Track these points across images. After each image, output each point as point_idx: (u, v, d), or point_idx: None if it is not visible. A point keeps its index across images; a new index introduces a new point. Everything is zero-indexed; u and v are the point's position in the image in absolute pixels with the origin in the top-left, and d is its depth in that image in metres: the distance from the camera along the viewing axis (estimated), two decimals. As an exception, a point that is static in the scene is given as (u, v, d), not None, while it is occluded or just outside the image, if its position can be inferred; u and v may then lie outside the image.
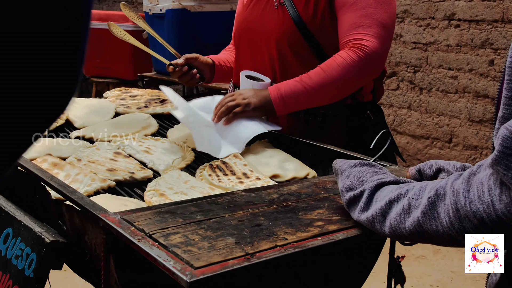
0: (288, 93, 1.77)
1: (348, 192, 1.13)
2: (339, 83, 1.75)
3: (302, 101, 1.78)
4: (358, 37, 1.75)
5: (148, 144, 1.86)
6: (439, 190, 0.94)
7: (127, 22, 4.58)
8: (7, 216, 1.40)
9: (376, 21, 1.76)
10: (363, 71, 1.76)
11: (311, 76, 1.76)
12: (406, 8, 4.44)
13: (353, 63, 1.73)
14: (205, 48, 2.97)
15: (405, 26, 4.46)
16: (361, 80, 1.81)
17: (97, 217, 1.11)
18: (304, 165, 1.72)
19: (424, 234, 0.97)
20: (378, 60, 1.77)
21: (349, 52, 1.74)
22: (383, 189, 1.07)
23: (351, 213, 1.13)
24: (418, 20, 4.37)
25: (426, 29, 4.33)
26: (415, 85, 4.46)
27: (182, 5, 3.96)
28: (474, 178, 0.90)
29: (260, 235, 1.04)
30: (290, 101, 1.78)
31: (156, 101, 2.22)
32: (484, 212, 0.86)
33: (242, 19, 2.02)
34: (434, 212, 0.94)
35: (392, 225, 1.01)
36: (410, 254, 3.50)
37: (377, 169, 1.18)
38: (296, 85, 1.77)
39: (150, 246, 0.99)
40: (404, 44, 4.49)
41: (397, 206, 1.01)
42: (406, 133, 4.57)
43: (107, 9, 7.38)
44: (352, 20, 1.77)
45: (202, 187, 1.54)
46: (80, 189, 1.50)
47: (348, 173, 1.16)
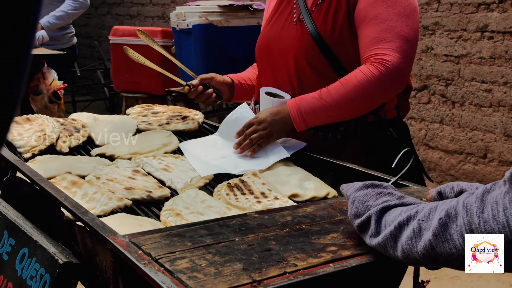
0: (308, 110, 1.75)
1: (356, 219, 1.09)
2: (359, 99, 1.72)
3: (322, 117, 1.76)
4: (379, 51, 1.71)
5: (167, 161, 1.85)
6: (450, 210, 0.90)
7: (155, 37, 4.63)
8: (24, 236, 1.40)
9: (397, 35, 1.72)
10: (384, 87, 1.72)
11: (331, 91, 1.73)
12: (436, 20, 4.36)
13: (374, 79, 1.68)
14: (232, 63, 2.97)
15: (436, 38, 4.38)
16: (382, 96, 1.77)
17: (106, 239, 1.10)
18: (324, 184, 1.68)
19: (438, 257, 0.93)
20: (400, 75, 1.72)
21: (370, 67, 1.70)
22: (390, 213, 1.03)
23: (364, 239, 1.09)
24: (450, 32, 4.29)
25: (458, 41, 4.24)
26: (447, 99, 4.37)
27: (208, 20, 3.97)
28: (488, 197, 0.86)
29: (270, 261, 1.01)
30: (310, 118, 1.76)
31: (177, 118, 2.21)
32: (500, 233, 0.82)
33: (262, 36, 2.01)
34: (446, 234, 0.90)
35: (404, 249, 0.97)
36: (444, 274, 3.40)
37: (382, 189, 1.13)
38: (315, 101, 1.74)
39: (155, 271, 0.96)
40: (435, 57, 4.40)
41: (407, 229, 0.97)
42: (439, 148, 4.47)
43: (139, 25, 7.48)
44: (373, 34, 1.73)
45: (218, 207, 1.51)
46: (97, 208, 1.49)
47: (353, 198, 1.12)
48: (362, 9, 1.76)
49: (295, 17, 1.89)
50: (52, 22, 4.22)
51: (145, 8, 7.56)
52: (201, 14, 4.02)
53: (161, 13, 7.30)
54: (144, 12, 7.63)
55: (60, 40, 4.39)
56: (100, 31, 8.33)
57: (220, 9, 4.13)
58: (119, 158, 1.89)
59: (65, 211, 1.30)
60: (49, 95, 3.49)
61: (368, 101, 1.74)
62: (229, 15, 4.10)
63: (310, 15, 1.84)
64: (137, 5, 7.75)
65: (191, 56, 4.07)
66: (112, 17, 8.06)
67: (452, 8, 4.26)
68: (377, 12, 1.73)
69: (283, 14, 1.95)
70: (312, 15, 1.84)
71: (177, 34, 4.20)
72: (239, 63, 2.74)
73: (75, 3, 4.31)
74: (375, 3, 1.74)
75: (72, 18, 4.40)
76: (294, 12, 1.91)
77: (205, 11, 4.06)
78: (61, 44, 4.39)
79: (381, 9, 1.73)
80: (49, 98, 3.50)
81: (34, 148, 1.86)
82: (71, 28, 4.54)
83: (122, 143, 1.99)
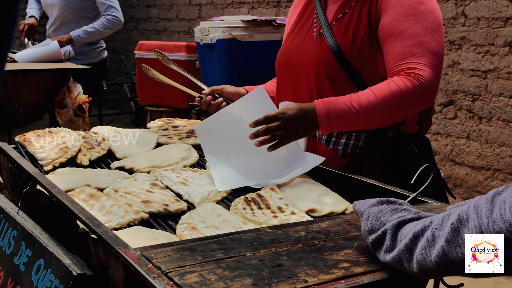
0: (337, 115, 1.69)
1: (371, 235, 1.07)
2: (388, 110, 1.69)
3: (349, 123, 1.71)
4: (412, 66, 1.69)
5: (186, 175, 1.85)
6: (462, 214, 0.88)
7: (180, 52, 4.67)
8: (40, 247, 1.41)
9: (427, 50, 1.70)
10: (415, 101, 1.70)
11: (361, 98, 1.69)
12: (463, 35, 4.31)
13: (407, 92, 1.67)
14: (255, 77, 2.97)
15: (463, 53, 4.33)
16: (411, 109, 1.75)
17: (117, 252, 1.10)
18: (342, 199, 1.66)
19: (452, 264, 0.90)
20: (432, 90, 1.71)
21: (404, 80, 1.68)
22: (406, 227, 1.01)
23: (378, 256, 1.07)
24: (477, 47, 4.24)
25: (485, 56, 4.18)
26: (474, 114, 4.30)
27: (232, 35, 3.99)
28: (498, 198, 0.85)
29: (280, 276, 0.99)
30: (338, 122, 1.70)
31: (198, 132, 2.22)
32: (507, 231, 0.80)
33: (283, 50, 2.01)
34: (458, 239, 0.88)
35: (419, 260, 0.95)
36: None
37: (397, 205, 1.12)
38: (345, 107, 1.69)
39: (164, 285, 0.96)
40: (461, 72, 4.35)
41: (422, 240, 0.95)
42: (465, 164, 4.40)
43: (165, 40, 7.56)
44: (403, 49, 1.71)
45: (234, 221, 1.51)
46: (113, 221, 1.50)
47: (368, 214, 1.10)
48: (388, 24, 1.75)
49: (316, 31, 1.89)
50: (82, 37, 4.26)
51: (171, 24, 7.65)
52: (224, 29, 4.04)
53: (187, 28, 7.38)
54: (170, 27, 7.72)
55: (88, 55, 4.42)
56: (127, 45, 8.45)
57: (243, 24, 4.15)
58: (138, 171, 1.90)
59: (80, 223, 1.31)
60: (74, 109, 3.54)
61: (397, 113, 1.72)
62: (252, 30, 4.12)
63: (330, 29, 1.83)
64: (164, 21, 7.84)
65: (214, 70, 4.09)
66: (139, 32, 8.17)
67: (479, 22, 4.22)
68: (405, 27, 1.72)
69: (304, 28, 1.95)
70: (332, 29, 1.83)
71: (201, 49, 4.23)
72: (262, 77, 2.74)
73: (109, 22, 4.31)
74: (402, 18, 1.73)
75: (102, 36, 4.42)
76: (315, 26, 1.90)
77: (229, 26, 4.09)
78: (90, 58, 4.42)
79: (409, 24, 1.72)
80: (74, 111, 3.55)
81: (55, 161, 1.89)
82: (101, 43, 4.56)
83: (142, 156, 2.00)
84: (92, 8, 4.34)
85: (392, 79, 1.70)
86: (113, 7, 4.32)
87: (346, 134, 1.82)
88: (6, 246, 1.52)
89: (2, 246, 1.53)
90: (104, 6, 4.30)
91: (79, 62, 4.12)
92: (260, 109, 1.72)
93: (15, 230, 1.51)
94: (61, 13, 4.32)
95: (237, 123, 1.78)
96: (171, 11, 7.70)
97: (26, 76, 3.56)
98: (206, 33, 4.09)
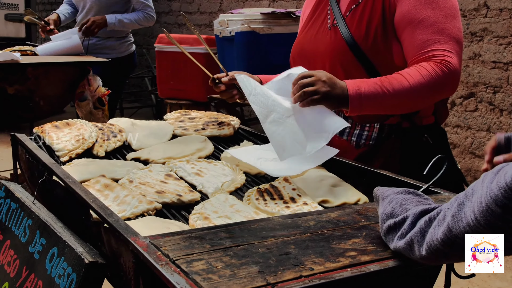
0: (368, 94, 1.66)
1: (389, 219, 1.06)
2: (418, 94, 1.68)
3: (379, 105, 1.69)
4: (439, 53, 1.68)
5: (200, 166, 1.86)
6: (468, 190, 0.88)
7: (200, 45, 4.68)
8: (54, 236, 1.43)
9: (450, 37, 1.70)
10: (444, 88, 1.69)
11: (392, 81, 1.68)
12: (485, 26, 4.25)
13: (437, 78, 1.66)
14: (273, 69, 2.97)
15: (484, 45, 4.27)
16: (439, 96, 1.74)
17: (127, 240, 1.11)
18: (355, 191, 1.66)
19: (456, 241, 0.90)
20: (458, 77, 1.71)
21: (434, 66, 1.67)
22: (426, 216, 1.01)
23: (388, 242, 1.06)
24: (498, 38, 4.18)
25: (507, 48, 4.12)
26: (495, 107, 4.25)
27: (251, 28, 3.99)
28: (502, 170, 0.84)
29: (286, 264, 1.00)
30: (368, 103, 1.67)
31: (213, 124, 2.23)
32: (504, 197, 0.80)
33: (297, 42, 2.01)
34: (461, 213, 0.88)
35: (428, 240, 0.95)
36: (487, 285, 3.30)
37: (422, 199, 1.12)
38: (376, 87, 1.67)
39: (171, 272, 0.97)
40: (483, 64, 4.29)
41: (435, 221, 0.95)
42: (486, 157, 4.34)
43: (186, 33, 7.58)
44: (426, 36, 1.70)
45: (247, 211, 1.51)
46: (127, 211, 1.51)
47: (391, 199, 1.10)
48: (406, 12, 1.73)
49: (329, 22, 1.88)
50: (116, 25, 4.21)
51: (192, 17, 7.67)
52: (243, 22, 4.04)
53: (208, 21, 7.39)
54: (192, 21, 7.73)
55: (116, 49, 4.39)
56: (148, 39, 8.50)
57: (262, 17, 4.14)
58: (153, 162, 1.92)
59: (93, 212, 1.32)
60: (94, 101, 3.58)
61: (426, 98, 1.71)
62: (271, 23, 4.11)
63: (344, 20, 1.82)
64: (185, 14, 7.86)
65: (233, 63, 4.09)
66: (161, 25, 8.20)
67: (502, 13, 4.15)
68: (424, 15, 1.71)
69: (318, 20, 1.94)
70: (346, 20, 1.83)
71: (220, 42, 4.23)
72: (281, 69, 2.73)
73: (144, 19, 4.27)
74: (420, 5, 1.72)
75: (132, 29, 4.43)
76: (328, 18, 1.90)
77: (248, 19, 4.08)
78: (118, 53, 4.39)
79: (428, 11, 1.71)
80: (93, 104, 3.58)
81: (71, 152, 1.91)
82: (130, 37, 4.54)
83: (158, 148, 2.02)
84: (124, 2, 4.32)
85: (421, 65, 1.69)
86: (150, 7, 4.33)
87: (360, 125, 1.81)
88: (21, 235, 1.54)
89: (18, 235, 1.56)
90: (141, 5, 4.29)
91: (106, 56, 4.13)
92: None
93: (30, 219, 1.53)
94: (93, 6, 4.33)
95: (279, 94, 1.78)
96: (192, 4, 7.72)
97: (47, 69, 3.60)
98: (225, 26, 4.10)
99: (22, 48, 4.12)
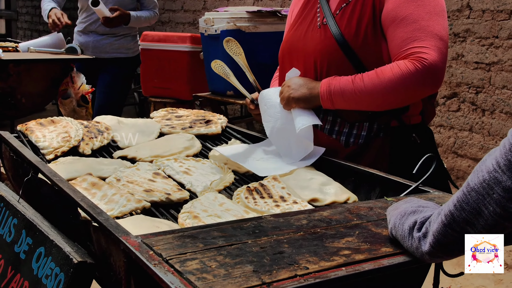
0: (337, 91, 1.76)
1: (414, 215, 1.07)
2: (390, 92, 1.69)
3: (349, 101, 1.75)
4: (416, 50, 1.68)
5: (188, 165, 1.85)
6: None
7: (184, 43, 4.64)
8: (41, 235, 1.41)
9: (431, 34, 1.69)
10: (419, 84, 1.68)
11: (364, 78, 1.72)
12: (468, 27, 4.29)
13: (409, 75, 1.66)
14: (259, 68, 2.96)
15: (467, 45, 4.31)
16: (417, 92, 1.73)
17: (118, 239, 1.09)
18: (345, 189, 1.66)
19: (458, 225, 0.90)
20: (437, 73, 1.68)
21: (406, 63, 1.67)
22: None
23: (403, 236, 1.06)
24: (481, 39, 4.22)
25: (489, 49, 4.16)
26: (477, 107, 4.29)
27: (237, 26, 3.98)
28: None
29: (281, 263, 0.99)
30: (337, 99, 1.76)
31: (201, 122, 2.21)
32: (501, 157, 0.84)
33: (286, 40, 2.00)
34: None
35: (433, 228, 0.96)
36: (469, 283, 3.33)
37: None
38: (346, 84, 1.74)
39: (165, 272, 0.96)
40: (465, 64, 4.33)
41: None
42: (468, 156, 4.39)
43: (170, 31, 7.54)
44: (406, 34, 1.70)
45: (237, 210, 1.50)
46: (115, 210, 1.49)
47: (426, 205, 1.12)
48: (391, 10, 1.73)
49: (319, 21, 1.88)
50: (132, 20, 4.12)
51: (176, 15, 7.63)
52: (229, 20, 4.03)
53: (192, 20, 7.36)
54: (175, 19, 7.71)
55: (132, 49, 4.30)
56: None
57: (248, 15, 4.13)
58: (140, 160, 1.90)
59: (81, 211, 1.30)
60: (77, 99, 3.54)
61: (401, 95, 1.71)
62: (257, 21, 4.10)
63: (334, 19, 1.82)
64: (169, 12, 7.82)
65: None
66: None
67: (484, 15, 4.19)
68: (407, 12, 1.71)
69: (307, 18, 1.94)
70: (336, 18, 1.82)
71: (205, 40, 4.21)
72: (267, 68, 2.74)
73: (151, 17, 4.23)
74: (404, 3, 1.72)
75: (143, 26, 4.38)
76: (318, 16, 1.89)
77: (233, 17, 4.07)
78: (132, 52, 4.31)
79: (411, 9, 1.71)
80: (77, 102, 3.54)
81: (57, 150, 1.88)
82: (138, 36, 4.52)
83: (145, 146, 2.00)
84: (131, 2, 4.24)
85: (396, 62, 1.70)
86: (157, 7, 4.32)
87: (349, 124, 1.81)
88: (6, 235, 1.52)
89: (3, 235, 1.53)
90: (152, 4, 4.24)
91: (123, 55, 4.12)
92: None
93: (16, 218, 1.50)
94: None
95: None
96: (176, 2, 7.68)
97: (29, 66, 3.55)
98: (210, 24, 4.08)
99: (3, 44, 4.06)
